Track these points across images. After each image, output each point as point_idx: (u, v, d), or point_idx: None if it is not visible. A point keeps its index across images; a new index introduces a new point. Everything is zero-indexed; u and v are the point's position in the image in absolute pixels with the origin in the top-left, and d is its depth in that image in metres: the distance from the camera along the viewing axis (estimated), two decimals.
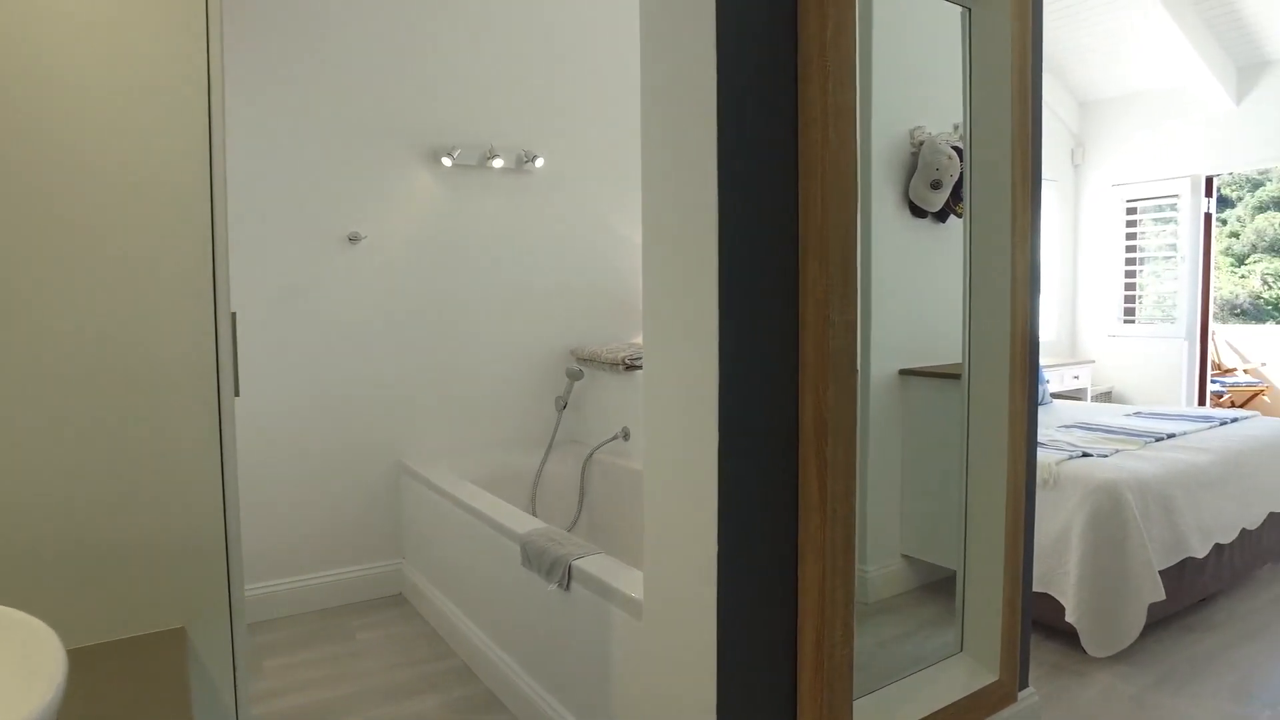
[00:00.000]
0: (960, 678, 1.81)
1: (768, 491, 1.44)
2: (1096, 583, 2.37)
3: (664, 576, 1.52)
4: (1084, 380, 5.25)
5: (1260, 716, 2.16)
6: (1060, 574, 2.44)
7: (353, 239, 3.04)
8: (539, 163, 3.39)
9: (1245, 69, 4.92)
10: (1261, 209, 12.66)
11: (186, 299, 0.98)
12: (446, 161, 3.19)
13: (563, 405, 3.40)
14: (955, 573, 2.14)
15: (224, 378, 1.01)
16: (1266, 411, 6.42)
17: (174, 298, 0.98)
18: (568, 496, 3.38)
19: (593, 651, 1.82)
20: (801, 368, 1.42)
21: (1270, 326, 10.38)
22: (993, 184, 1.83)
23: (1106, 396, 5.56)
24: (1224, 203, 12.71)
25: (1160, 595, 2.35)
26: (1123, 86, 5.42)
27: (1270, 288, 12.39)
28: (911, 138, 2.88)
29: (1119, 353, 5.57)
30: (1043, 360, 5.05)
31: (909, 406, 2.80)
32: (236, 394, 1.26)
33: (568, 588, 1.92)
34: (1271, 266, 12.46)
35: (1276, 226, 12.44)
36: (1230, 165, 5.05)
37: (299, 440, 2.97)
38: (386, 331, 3.13)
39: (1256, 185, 12.65)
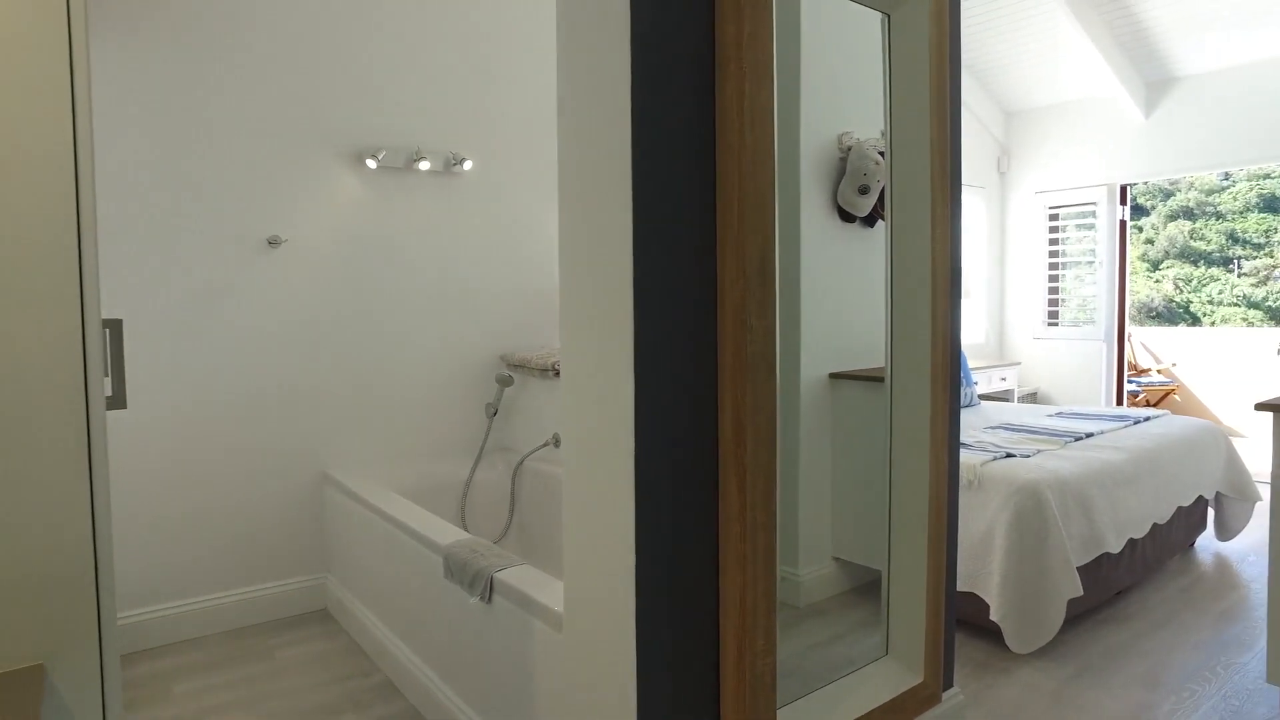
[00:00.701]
0: (885, 681, 1.82)
1: (688, 499, 1.41)
2: (1019, 581, 2.41)
3: (584, 588, 1.48)
4: (1011, 382, 5.41)
5: (1165, 703, 2.24)
6: (985, 573, 2.48)
7: (273, 242, 2.92)
8: (467, 165, 3.32)
9: (1153, 84, 5.14)
10: (1173, 217, 13.30)
11: (48, 307, 0.90)
12: (371, 163, 3.09)
13: (493, 412, 3.34)
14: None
15: (94, 390, 0.93)
16: (1177, 409, 6.71)
17: (32, 305, 0.90)
18: (498, 505, 3.31)
19: (514, 665, 1.77)
20: (720, 373, 1.40)
21: (1181, 328, 10.90)
22: (913, 188, 1.85)
23: (1032, 397, 5.73)
24: (1140, 211, 13.32)
25: (1078, 591, 2.41)
26: (1045, 98, 5.61)
27: (1181, 291, 13.03)
28: (839, 143, 2.90)
29: (1044, 354, 5.75)
30: (971, 362, 5.18)
31: (839, 409, 2.82)
32: (124, 406, 1.18)
33: (489, 600, 1.86)
34: (1182, 271, 13.10)
35: (1186, 234, 13.10)
36: (1142, 175, 5.27)
37: (216, 452, 2.84)
38: (310, 338, 3.02)
39: (1168, 195, 13.30)
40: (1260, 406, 1.97)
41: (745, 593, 1.40)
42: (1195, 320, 12.66)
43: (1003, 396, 5.33)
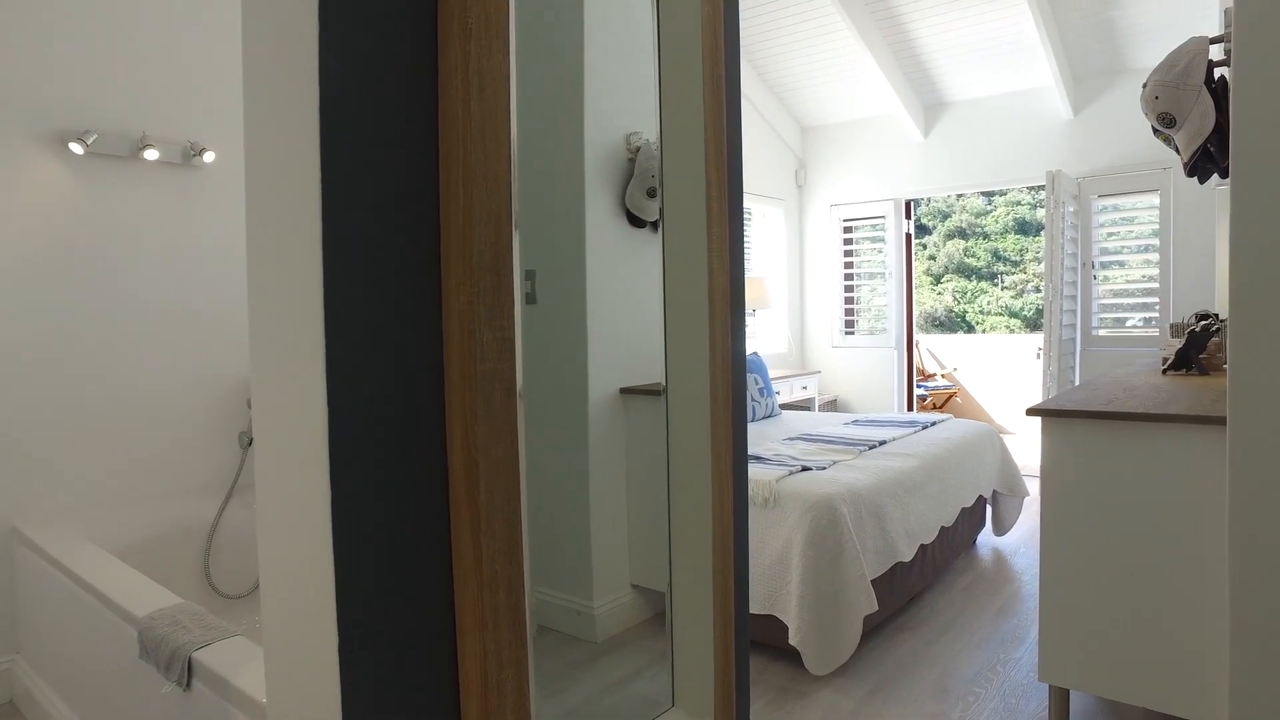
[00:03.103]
0: None
1: (410, 556, 1.13)
2: (816, 601, 2.33)
3: (285, 673, 1.15)
4: (812, 390, 5.55)
5: (954, 711, 2.23)
6: (783, 595, 2.39)
7: None
8: (209, 157, 2.84)
9: (929, 107, 5.50)
10: (950, 236, 14.74)
11: None
12: (77, 148, 2.55)
13: (248, 441, 2.87)
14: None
15: None
16: (958, 411, 7.25)
17: None
18: (254, 550, 2.83)
19: None
20: (447, 397, 1.14)
21: (959, 336, 12.02)
22: (687, 189, 1.68)
23: (832, 404, 5.93)
24: (924, 230, 14.59)
25: (873, 607, 2.37)
26: (838, 115, 5.85)
27: (958, 302, 14.44)
28: (628, 143, 2.74)
29: (841, 362, 5.97)
30: (774, 372, 5.25)
31: (632, 426, 2.64)
32: None
33: (188, 687, 1.48)
34: (959, 285, 14.53)
35: (961, 251, 14.55)
36: (922, 192, 5.61)
37: None
38: None
39: (946, 216, 14.71)
40: (1031, 412, 1.99)
41: (488, 666, 1.14)
42: (970, 328, 14.02)
43: (804, 405, 5.45)
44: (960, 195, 14.12)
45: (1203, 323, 2.76)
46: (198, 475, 2.86)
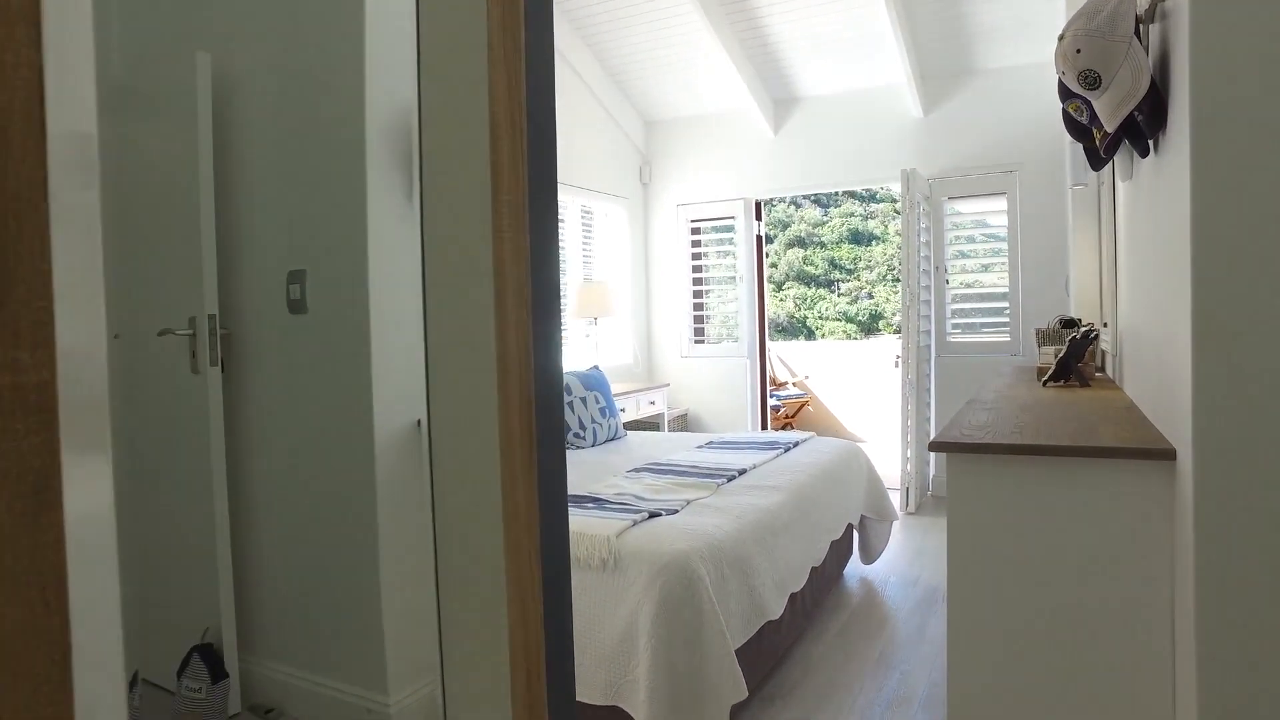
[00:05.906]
0: None
1: None
2: (671, 691, 1.82)
3: None
4: (661, 405, 5.11)
5: None
6: (629, 683, 1.86)
7: None
8: None
9: (780, 102, 5.23)
10: (790, 245, 15.05)
11: None
12: None
13: None
14: None
15: None
16: (812, 419, 7.09)
17: None
18: None
19: None
20: None
21: (800, 342, 12.19)
22: (461, 157, 1.12)
23: (682, 419, 5.53)
24: (766, 239, 14.79)
25: (742, 694, 1.88)
26: (684, 109, 5.47)
27: (799, 309, 14.76)
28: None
29: (692, 373, 5.59)
30: (619, 387, 4.77)
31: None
32: None
33: None
34: (799, 292, 14.87)
35: (800, 260, 14.90)
36: (773, 191, 5.33)
37: None
38: None
39: (786, 225, 15.00)
40: (934, 447, 1.59)
41: None
42: (810, 334, 14.34)
43: (653, 421, 5.01)
44: (798, 205, 14.43)
45: (1082, 330, 2.53)
46: None
